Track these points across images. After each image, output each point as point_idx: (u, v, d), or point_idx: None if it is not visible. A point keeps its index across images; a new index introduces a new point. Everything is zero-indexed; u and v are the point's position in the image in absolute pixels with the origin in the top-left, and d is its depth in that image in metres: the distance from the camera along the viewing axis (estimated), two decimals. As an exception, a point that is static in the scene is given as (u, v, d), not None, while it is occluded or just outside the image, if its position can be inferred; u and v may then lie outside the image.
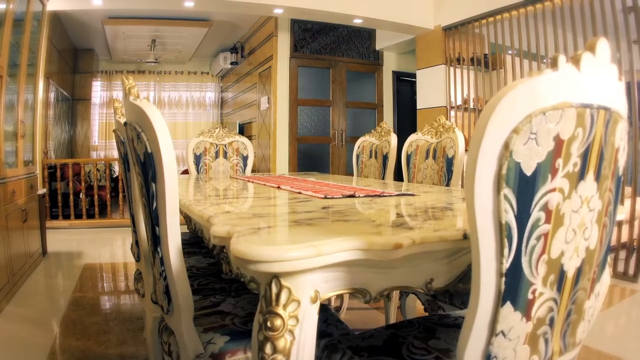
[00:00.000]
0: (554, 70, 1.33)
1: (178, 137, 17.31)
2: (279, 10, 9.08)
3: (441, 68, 10.23)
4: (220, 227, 1.73)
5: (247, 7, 8.83)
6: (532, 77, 1.30)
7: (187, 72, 17.36)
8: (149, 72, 16.98)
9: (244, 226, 1.75)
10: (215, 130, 6.48)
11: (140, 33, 13.07)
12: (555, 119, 1.34)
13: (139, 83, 16.89)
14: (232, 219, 2.00)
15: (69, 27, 12.46)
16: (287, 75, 11.48)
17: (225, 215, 2.07)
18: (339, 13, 9.22)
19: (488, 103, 1.31)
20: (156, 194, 2.06)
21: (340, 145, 12.10)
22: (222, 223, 1.83)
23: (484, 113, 1.30)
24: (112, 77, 16.69)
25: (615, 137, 1.62)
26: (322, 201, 2.69)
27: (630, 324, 5.44)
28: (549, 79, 1.32)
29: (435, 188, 3.89)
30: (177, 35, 13.39)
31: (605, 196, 1.67)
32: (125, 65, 16.67)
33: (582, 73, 1.38)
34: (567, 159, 1.42)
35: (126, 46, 14.50)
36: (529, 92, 1.30)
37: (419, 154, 5.16)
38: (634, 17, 6.71)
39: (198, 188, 4.05)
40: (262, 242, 1.52)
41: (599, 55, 1.42)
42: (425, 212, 2.29)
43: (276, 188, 3.65)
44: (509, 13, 8.63)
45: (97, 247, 9.10)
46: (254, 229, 1.72)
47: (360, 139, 6.34)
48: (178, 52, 15.45)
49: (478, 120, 1.31)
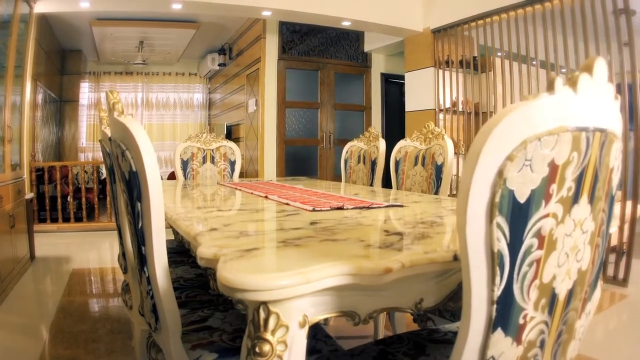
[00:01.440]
0: (550, 93, 1.30)
1: (166, 139, 17.29)
2: (267, 12, 9.05)
3: (430, 71, 10.22)
4: (207, 248, 1.71)
5: (235, 9, 8.81)
6: (527, 102, 1.27)
7: (175, 74, 17.32)
8: (136, 74, 16.94)
9: (230, 248, 1.72)
10: (203, 135, 6.46)
11: (127, 34, 13.03)
12: (550, 144, 1.31)
13: (126, 84, 16.89)
14: (219, 238, 1.96)
15: (57, 28, 12.40)
16: (275, 77, 11.45)
17: (212, 234, 2.03)
18: (327, 15, 9.19)
19: (482, 129, 1.28)
20: (141, 213, 2.03)
21: (329, 148, 12.08)
22: (208, 244, 1.79)
23: (478, 140, 1.27)
24: (100, 79, 16.64)
25: (610, 157, 1.60)
26: (310, 215, 2.65)
27: (620, 329, 5.43)
28: (545, 103, 1.29)
29: (425, 197, 3.87)
30: (165, 36, 13.35)
31: (598, 217, 1.65)
32: (113, 66, 16.62)
33: (579, 95, 1.35)
34: (561, 184, 1.39)
35: (114, 47, 14.46)
36: (524, 118, 1.26)
37: (408, 161, 5.14)
38: (624, 19, 6.70)
39: (185, 197, 4.02)
40: (249, 269, 1.48)
41: (596, 76, 1.40)
42: (414, 228, 2.25)
43: (264, 198, 3.62)
44: (499, 16, 8.63)
45: (85, 251, 9.05)
46: (241, 251, 1.68)
47: (348, 144, 6.32)
48: (166, 53, 15.41)
49: (471, 146, 1.28)
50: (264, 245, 1.87)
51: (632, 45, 6.60)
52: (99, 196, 12.04)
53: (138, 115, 17.01)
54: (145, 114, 17.15)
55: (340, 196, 3.68)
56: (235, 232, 2.07)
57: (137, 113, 17.04)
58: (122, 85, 16.87)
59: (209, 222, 2.38)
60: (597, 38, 6.97)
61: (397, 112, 12.73)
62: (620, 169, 1.73)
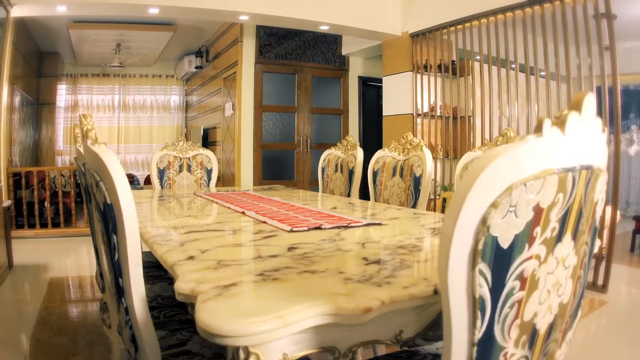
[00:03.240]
0: (537, 136, 1.27)
1: (143, 142, 17.20)
2: (244, 17, 9.01)
3: (408, 75, 10.19)
4: (185, 283, 1.69)
5: (212, 14, 8.77)
6: (514, 145, 1.24)
7: (152, 75, 17.22)
8: (113, 76, 16.82)
9: (208, 283, 1.70)
10: (179, 143, 6.42)
11: (105, 37, 12.93)
12: (536, 188, 1.29)
13: (103, 87, 16.79)
14: (197, 269, 1.92)
15: (34, 30, 12.29)
16: (252, 81, 11.40)
17: (189, 264, 2.00)
18: (305, 20, 9.16)
19: (466, 175, 1.25)
20: (118, 246, 2.00)
21: (305, 152, 12.05)
22: (186, 277, 1.78)
23: (462, 186, 1.24)
24: (77, 81, 16.52)
25: (595, 192, 1.59)
26: (288, 237, 2.62)
27: (601, 337, 5.42)
28: (531, 147, 1.27)
29: (403, 212, 3.85)
30: (142, 39, 13.28)
31: (581, 250, 1.63)
32: (90, 68, 16.49)
33: (567, 136, 1.33)
34: (545, 226, 1.37)
35: (91, 50, 14.35)
36: (510, 163, 1.24)
37: (386, 171, 5.12)
38: (606, 23, 6.71)
39: (161, 213, 3.96)
40: (228, 313, 1.45)
41: (585, 113, 1.38)
42: (393, 255, 2.22)
43: (241, 214, 3.58)
44: (479, 21, 8.61)
45: (63, 258, 8.94)
46: (219, 287, 1.65)
47: (325, 152, 6.30)
48: (143, 55, 15.33)
49: (455, 192, 1.25)
50: (242, 279, 1.83)
51: (613, 49, 6.61)
52: (77, 200, 11.96)
53: (115, 118, 16.91)
54: (122, 116, 17.03)
55: (318, 211, 3.64)
56: (212, 262, 2.03)
57: (114, 115, 16.92)
58: (99, 88, 16.74)
59: (185, 248, 2.33)
60: (578, 42, 6.98)
61: (375, 116, 12.70)
62: (605, 199, 1.72)
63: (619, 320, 5.99)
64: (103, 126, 16.76)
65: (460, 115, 9.62)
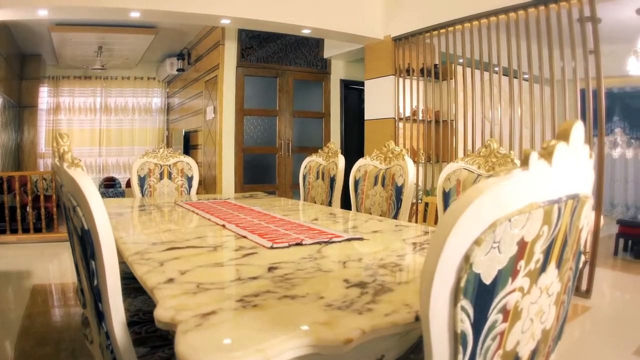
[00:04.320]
0: (523, 169, 1.26)
1: (124, 144, 17.07)
2: (226, 20, 8.96)
3: (390, 79, 10.16)
4: (164, 311, 1.68)
5: (194, 17, 8.72)
6: (499, 180, 1.22)
7: (134, 78, 17.09)
8: (95, 78, 16.68)
9: (188, 311, 1.67)
10: (160, 150, 6.38)
11: (86, 40, 12.83)
12: (521, 223, 1.28)
13: (85, 89, 16.66)
14: (176, 294, 1.89)
15: (16, 33, 12.18)
16: (233, 85, 11.33)
17: (169, 288, 1.96)
18: (287, 24, 9.12)
19: (449, 211, 1.23)
20: (96, 272, 1.97)
21: (287, 156, 11.99)
22: (165, 304, 1.75)
23: (444, 223, 1.22)
24: (59, 83, 16.37)
25: (581, 219, 1.57)
26: (268, 254, 2.60)
27: (584, 344, 5.38)
28: (517, 181, 1.25)
29: (385, 223, 3.83)
30: (123, 41, 13.19)
31: (565, 276, 1.62)
32: (72, 70, 16.35)
33: (554, 167, 1.32)
34: (529, 259, 1.36)
35: (73, 52, 14.25)
36: (495, 199, 1.22)
37: (368, 180, 5.11)
38: (590, 26, 6.71)
39: (140, 227, 3.91)
40: (208, 346, 1.42)
41: (572, 142, 1.36)
42: (374, 277, 2.19)
43: (221, 227, 3.55)
44: (462, 25, 8.58)
45: (45, 264, 8.84)
46: (198, 316, 1.62)
47: (307, 159, 6.27)
48: (125, 58, 15.23)
49: (437, 228, 1.23)
50: (222, 306, 1.79)
51: (598, 53, 6.61)
52: (58, 203, 11.87)
53: (97, 120, 16.80)
54: (104, 118, 16.89)
55: (299, 224, 3.61)
56: (192, 285, 2.00)
57: (95, 118, 16.79)
58: (80, 90, 16.60)
59: (165, 268, 2.30)
60: (562, 45, 6.97)
61: (357, 119, 12.66)
62: (590, 223, 1.70)
63: (602, 326, 5.96)
64: (85, 129, 16.59)
65: (442, 119, 9.60)
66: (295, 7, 9.07)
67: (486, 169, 3.92)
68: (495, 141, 3.98)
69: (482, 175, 3.93)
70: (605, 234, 10.38)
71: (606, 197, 14.23)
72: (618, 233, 9.58)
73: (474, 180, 3.96)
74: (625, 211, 14.15)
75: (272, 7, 8.83)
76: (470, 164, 4.06)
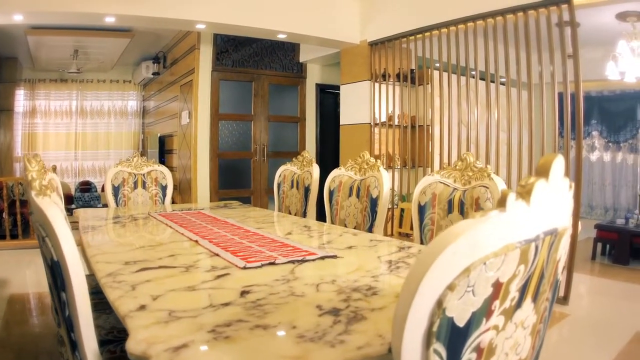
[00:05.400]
0: (500, 211, 1.23)
1: (100, 148, 16.94)
2: (201, 25, 8.92)
3: (366, 84, 10.13)
4: (136, 344, 1.66)
5: (169, 22, 8.67)
6: (474, 224, 1.19)
7: (110, 81, 16.97)
8: (71, 81, 16.53)
9: (159, 344, 1.65)
10: (134, 159, 6.33)
11: (62, 43, 12.74)
12: (496, 266, 1.25)
13: (61, 92, 16.52)
14: (148, 324, 1.86)
15: (-8, 36, 12.17)
16: (208, 89, 11.26)
17: (141, 317, 1.94)
18: (262, 29, 9.09)
19: (422, 255, 1.20)
20: (67, 303, 1.94)
21: (262, 161, 11.94)
22: (137, 336, 1.73)
23: (417, 268, 1.18)
24: (35, 86, 16.22)
25: (559, 251, 1.55)
26: (241, 275, 2.58)
27: (562, 352, 5.37)
28: (493, 224, 1.22)
29: (359, 237, 3.80)
30: (99, 45, 13.10)
31: (541, 308, 1.61)
32: (49, 73, 16.21)
33: (532, 206, 1.29)
34: (504, 298, 1.33)
35: (49, 55, 14.14)
36: (470, 243, 1.19)
37: (342, 191, 5.08)
38: (569, 31, 6.71)
39: (113, 243, 3.85)
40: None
41: (552, 178, 1.34)
42: (347, 302, 2.15)
43: (194, 242, 3.51)
44: (439, 30, 8.57)
45: (22, 272, 8.68)
46: (170, 350, 1.59)
47: (281, 167, 6.23)
48: (100, 61, 15.14)
49: (409, 272, 1.20)
50: (194, 338, 1.74)
51: (577, 57, 6.61)
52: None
53: (72, 124, 16.69)
54: (80, 122, 16.78)
55: (273, 239, 3.58)
56: (164, 313, 1.96)
57: (71, 121, 16.65)
58: (56, 93, 16.44)
59: (137, 292, 2.26)
60: (540, 49, 6.96)
61: (333, 123, 12.61)
62: (567, 252, 1.68)
63: (581, 333, 5.93)
64: (61, 132, 16.45)
65: (418, 124, 9.60)
66: (271, 12, 9.04)
67: (462, 182, 3.90)
68: (472, 155, 3.96)
69: (458, 189, 3.92)
70: (584, 237, 10.42)
71: (585, 199, 14.52)
72: (596, 237, 9.62)
73: (450, 194, 3.94)
74: (603, 213, 14.33)
75: (248, 12, 8.79)
76: (446, 178, 4.03)
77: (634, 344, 5.51)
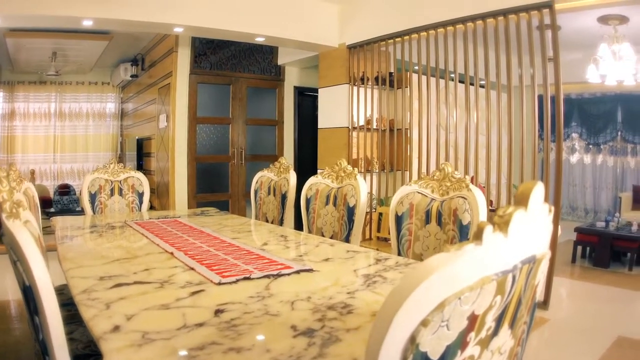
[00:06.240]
0: (477, 244, 1.20)
1: (78, 151, 16.83)
2: (179, 29, 8.87)
3: (344, 87, 10.11)
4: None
5: (146, 26, 8.63)
6: (449, 258, 1.16)
7: (88, 83, 16.85)
8: (50, 83, 16.39)
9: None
10: (110, 165, 6.29)
11: (41, 45, 12.66)
12: (471, 299, 1.22)
13: (40, 95, 16.43)
14: (121, 346, 1.85)
15: (-29, 37, 12.08)
16: (186, 93, 11.18)
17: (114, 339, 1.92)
18: (240, 32, 9.05)
19: (395, 291, 1.17)
20: (41, 327, 1.92)
21: (240, 164, 11.88)
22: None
23: (390, 304, 1.15)
24: (14, 88, 16.08)
25: (537, 276, 1.54)
26: (216, 292, 2.56)
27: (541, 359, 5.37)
28: (469, 258, 1.19)
29: (336, 248, 3.78)
30: (78, 47, 13.02)
31: (519, 331, 1.59)
32: (28, 75, 16.09)
33: (510, 237, 1.26)
34: (480, 329, 1.30)
35: (28, 58, 14.05)
36: (445, 278, 1.16)
37: (319, 199, 5.06)
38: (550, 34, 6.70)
39: (89, 255, 3.78)
40: None
41: (531, 207, 1.32)
42: (322, 322, 2.13)
43: (170, 254, 3.48)
44: (418, 34, 8.55)
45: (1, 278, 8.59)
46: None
47: (258, 173, 6.21)
48: (79, 63, 15.06)
49: (382, 307, 1.18)
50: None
51: (557, 60, 6.61)
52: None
53: (51, 126, 16.59)
54: (59, 124, 16.65)
55: (249, 250, 3.55)
56: (138, 335, 1.94)
57: (50, 124, 16.53)
58: (35, 95, 16.31)
59: (111, 311, 2.23)
60: (521, 52, 6.95)
61: (311, 125, 12.50)
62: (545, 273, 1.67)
63: (561, 338, 5.89)
64: (39, 135, 16.33)
65: (397, 127, 9.55)
66: (249, 15, 9.00)
67: (440, 193, 3.89)
68: (450, 165, 3.94)
69: (435, 199, 3.90)
70: (564, 240, 10.44)
71: (565, 201, 14.77)
72: (576, 240, 9.65)
73: (428, 204, 3.92)
74: (584, 215, 14.44)
75: (225, 16, 8.76)
76: (423, 188, 4.01)
77: (615, 349, 5.51)
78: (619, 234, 9.20)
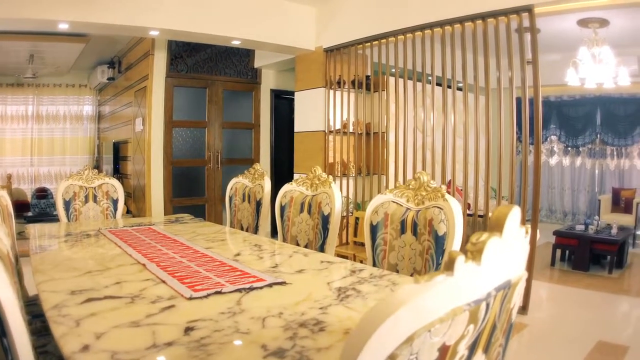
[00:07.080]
0: (448, 275, 1.16)
1: (56, 154, 16.71)
2: (154, 32, 8.81)
3: (320, 91, 10.10)
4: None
5: (122, 29, 8.56)
6: (419, 290, 1.12)
7: (66, 85, 16.71)
8: (27, 86, 16.24)
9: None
10: (85, 172, 6.23)
11: (18, 48, 12.55)
12: (442, 331, 1.19)
13: (17, 97, 16.27)
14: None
15: (-52, 39, 11.99)
16: (162, 96, 11.10)
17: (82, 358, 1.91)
18: (216, 35, 9.02)
19: (361, 324, 1.13)
20: (9, 348, 1.89)
21: (216, 168, 11.82)
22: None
23: (356, 338, 1.11)
24: (-8, 91, 16.09)
25: (513, 299, 1.52)
26: (186, 307, 2.54)
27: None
28: (440, 289, 1.16)
29: (310, 259, 3.75)
30: (55, 50, 12.92)
31: (494, 354, 1.57)
32: (5, 78, 15.94)
33: (483, 265, 1.23)
34: (452, 358, 1.30)
35: (5, 60, 13.92)
36: (414, 311, 1.12)
37: (294, 207, 5.03)
38: (529, 36, 6.71)
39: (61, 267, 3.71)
40: None
41: (507, 232, 1.31)
42: (293, 341, 2.10)
43: (142, 266, 3.45)
44: (395, 37, 8.54)
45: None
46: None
47: (232, 180, 6.17)
48: (56, 66, 14.96)
49: (348, 341, 1.15)
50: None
51: (536, 62, 6.61)
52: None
53: (28, 129, 16.45)
54: (36, 127, 16.50)
55: (222, 261, 3.53)
56: (107, 354, 1.91)
57: (27, 127, 16.36)
58: (13, 98, 16.16)
59: (81, 329, 2.21)
60: (499, 54, 6.95)
61: (287, 129, 12.45)
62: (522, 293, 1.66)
63: (540, 343, 5.89)
64: (17, 138, 16.20)
65: (373, 131, 9.55)
66: (225, 18, 8.97)
67: (415, 202, 3.86)
68: (426, 174, 3.93)
69: (411, 209, 3.88)
70: (543, 242, 10.46)
71: (544, 203, 14.90)
72: (555, 244, 9.69)
73: (403, 214, 3.90)
74: (562, 217, 14.54)
75: (201, 19, 8.72)
76: (399, 197, 3.99)
77: (595, 354, 5.51)
78: (599, 237, 9.25)
